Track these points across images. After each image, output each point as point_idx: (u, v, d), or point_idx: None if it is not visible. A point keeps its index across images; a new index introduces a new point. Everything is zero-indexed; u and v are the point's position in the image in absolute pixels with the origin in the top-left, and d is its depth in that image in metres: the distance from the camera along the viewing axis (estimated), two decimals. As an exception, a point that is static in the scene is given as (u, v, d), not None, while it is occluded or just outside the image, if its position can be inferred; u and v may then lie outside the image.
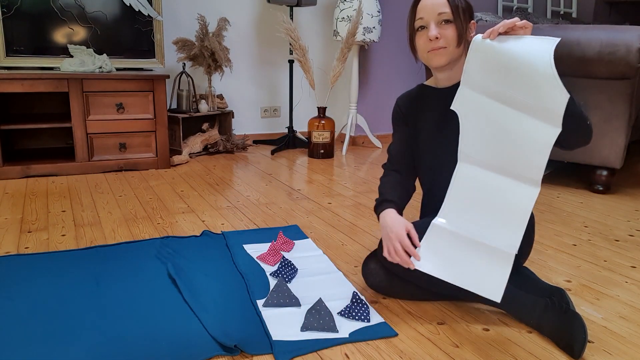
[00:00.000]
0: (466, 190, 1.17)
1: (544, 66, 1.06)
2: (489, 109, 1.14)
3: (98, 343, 1.12)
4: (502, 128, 1.12)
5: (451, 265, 1.17)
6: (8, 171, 2.51)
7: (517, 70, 1.09)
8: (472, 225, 1.16)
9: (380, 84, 3.78)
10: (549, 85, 1.06)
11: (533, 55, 1.08)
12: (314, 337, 1.17)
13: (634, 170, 3.08)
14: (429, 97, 1.40)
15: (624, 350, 1.16)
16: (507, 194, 1.13)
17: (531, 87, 1.08)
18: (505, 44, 1.11)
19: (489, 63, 1.12)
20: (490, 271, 1.14)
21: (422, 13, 1.27)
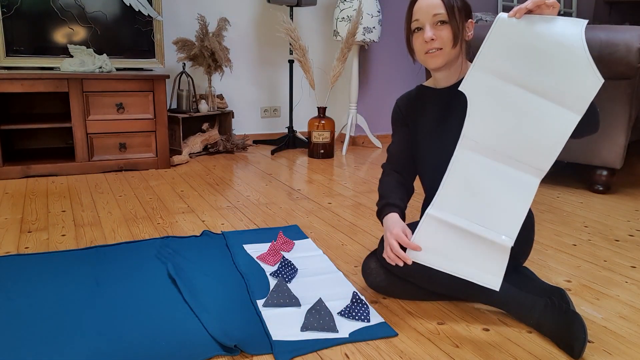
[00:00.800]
0: (464, 178, 1.14)
1: (577, 49, 1.01)
2: (503, 93, 1.09)
3: (98, 343, 1.12)
4: (516, 113, 1.08)
5: (447, 255, 1.16)
6: (8, 171, 2.51)
7: (546, 52, 1.04)
8: (468, 215, 1.14)
9: (380, 84, 3.78)
10: (581, 69, 1.01)
11: (564, 37, 1.02)
12: (314, 337, 1.17)
13: (634, 170, 3.08)
14: (428, 98, 1.40)
15: (624, 350, 1.16)
16: (507, 184, 1.11)
17: (559, 71, 1.03)
18: (532, 24, 1.05)
19: (512, 44, 1.07)
20: (487, 261, 1.13)
21: (418, 14, 1.28)
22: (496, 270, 1.13)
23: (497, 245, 1.12)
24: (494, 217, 1.12)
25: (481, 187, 1.13)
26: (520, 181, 1.10)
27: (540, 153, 1.07)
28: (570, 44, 1.02)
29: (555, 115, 1.05)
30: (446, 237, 1.16)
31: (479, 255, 1.14)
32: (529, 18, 1.06)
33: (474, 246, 1.14)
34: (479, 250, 1.14)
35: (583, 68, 1.01)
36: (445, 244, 1.16)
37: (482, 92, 1.11)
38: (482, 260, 1.14)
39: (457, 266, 1.16)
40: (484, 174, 1.12)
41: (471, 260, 1.14)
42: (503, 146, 1.10)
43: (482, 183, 1.13)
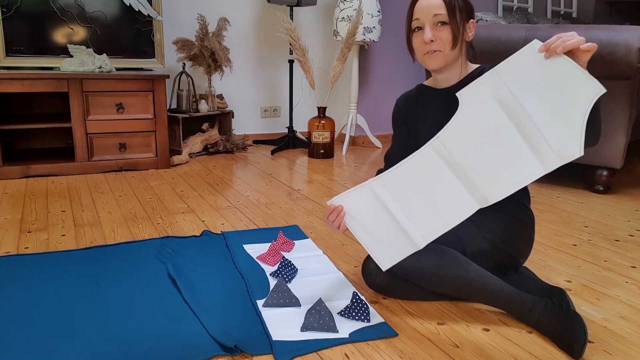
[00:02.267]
0: (417, 174, 1.15)
1: (579, 111, 1.01)
2: (492, 118, 1.09)
3: (98, 343, 1.12)
4: (494, 142, 1.08)
5: (366, 226, 1.21)
6: (8, 171, 2.51)
7: (549, 99, 1.03)
8: (402, 204, 1.17)
9: (380, 84, 3.77)
10: (572, 130, 1.02)
11: (574, 93, 1.02)
12: (314, 337, 1.17)
13: (634, 170, 3.08)
14: (428, 98, 1.40)
15: (624, 350, 1.16)
16: (450, 197, 1.13)
17: (551, 124, 1.03)
18: (554, 66, 1.03)
19: (526, 72, 1.05)
20: (393, 246, 1.18)
21: (419, 14, 1.27)
22: (394, 256, 1.19)
23: (410, 241, 1.17)
24: (423, 217, 1.15)
25: (427, 188, 1.15)
26: (463, 200, 1.13)
27: (495, 187, 1.10)
28: (574, 102, 1.02)
29: (526, 161, 1.06)
30: (374, 212, 1.19)
31: (391, 239, 1.18)
32: (555, 58, 1.04)
33: (391, 231, 1.18)
34: (393, 236, 1.18)
35: (573, 131, 1.02)
36: (369, 216, 1.20)
37: (475, 107, 1.11)
38: (390, 243, 1.19)
39: (366, 239, 1.21)
40: (435, 178, 1.15)
41: (381, 240, 1.19)
42: (467, 165, 1.12)
43: (430, 185, 1.15)
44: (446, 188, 1.14)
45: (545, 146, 1.05)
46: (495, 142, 1.08)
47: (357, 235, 1.22)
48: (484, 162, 1.10)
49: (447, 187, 1.13)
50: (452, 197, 1.13)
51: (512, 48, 2.57)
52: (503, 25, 2.77)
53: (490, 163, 1.09)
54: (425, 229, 1.16)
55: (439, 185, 1.14)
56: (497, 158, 1.09)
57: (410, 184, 1.16)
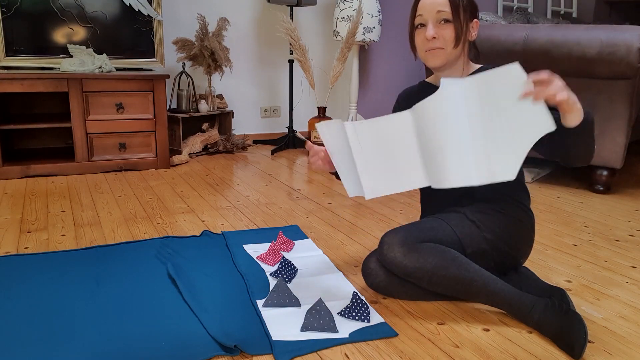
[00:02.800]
0: (389, 131, 1.16)
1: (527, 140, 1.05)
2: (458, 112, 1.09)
3: (98, 343, 1.12)
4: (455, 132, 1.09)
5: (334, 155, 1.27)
6: (8, 171, 2.51)
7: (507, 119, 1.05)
8: (363, 152, 1.19)
9: (380, 84, 3.77)
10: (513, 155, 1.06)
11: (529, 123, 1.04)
12: (314, 337, 1.17)
13: (634, 170, 3.08)
14: (427, 95, 1.40)
15: (624, 350, 1.16)
16: (406, 165, 1.16)
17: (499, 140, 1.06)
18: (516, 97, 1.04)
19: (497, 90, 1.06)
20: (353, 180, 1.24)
21: (422, 10, 1.27)
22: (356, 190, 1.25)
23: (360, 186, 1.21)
24: (374, 172, 1.19)
25: (390, 148, 1.16)
26: (415, 172, 1.15)
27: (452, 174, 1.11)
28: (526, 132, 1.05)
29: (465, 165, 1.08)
30: (341, 148, 1.23)
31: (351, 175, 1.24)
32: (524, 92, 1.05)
33: (351, 170, 1.23)
34: (352, 174, 1.23)
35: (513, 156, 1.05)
36: (337, 149, 1.25)
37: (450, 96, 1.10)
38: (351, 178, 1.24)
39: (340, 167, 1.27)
40: (401, 142, 1.15)
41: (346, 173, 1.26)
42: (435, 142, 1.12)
43: (393, 146, 1.16)
44: (406, 155, 1.15)
45: (485, 160, 1.07)
46: (453, 136, 1.09)
47: (333, 161, 1.29)
48: (441, 146, 1.11)
49: (407, 155, 1.15)
50: (407, 166, 1.16)
51: (512, 48, 2.57)
52: (503, 25, 2.77)
53: (445, 151, 1.10)
54: (371, 182, 1.19)
55: (401, 150, 1.16)
56: (450, 151, 1.10)
57: (378, 138, 1.17)
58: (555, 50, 2.41)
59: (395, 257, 1.26)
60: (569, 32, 2.39)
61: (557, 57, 2.41)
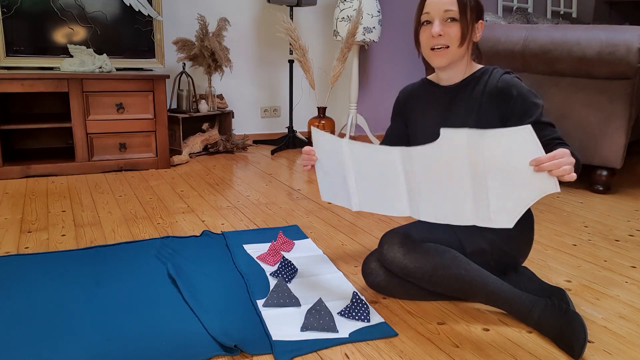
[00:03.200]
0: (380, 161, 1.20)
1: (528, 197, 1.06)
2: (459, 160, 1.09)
3: (98, 343, 1.12)
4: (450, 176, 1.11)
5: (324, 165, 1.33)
6: (8, 171, 2.51)
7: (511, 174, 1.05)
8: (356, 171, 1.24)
9: (380, 84, 3.78)
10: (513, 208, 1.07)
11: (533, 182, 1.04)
12: (314, 337, 1.17)
13: (634, 170, 3.08)
14: (431, 94, 1.40)
15: (624, 350, 1.16)
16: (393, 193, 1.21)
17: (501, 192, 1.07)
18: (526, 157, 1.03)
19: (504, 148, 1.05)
20: (336, 191, 1.32)
21: (429, 8, 1.26)
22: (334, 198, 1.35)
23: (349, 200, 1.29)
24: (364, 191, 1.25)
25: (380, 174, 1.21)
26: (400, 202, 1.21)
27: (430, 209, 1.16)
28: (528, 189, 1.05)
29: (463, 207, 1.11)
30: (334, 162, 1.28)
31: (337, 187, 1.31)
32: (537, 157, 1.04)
33: (340, 184, 1.29)
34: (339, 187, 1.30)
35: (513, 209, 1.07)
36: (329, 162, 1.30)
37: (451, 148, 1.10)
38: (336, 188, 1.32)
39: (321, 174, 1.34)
40: (390, 174, 1.20)
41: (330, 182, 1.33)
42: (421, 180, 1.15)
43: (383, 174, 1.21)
44: (393, 185, 1.20)
45: (485, 208, 1.09)
46: (451, 182, 1.12)
47: (317, 164, 1.35)
48: (433, 189, 1.14)
49: (395, 185, 1.20)
50: (393, 194, 1.21)
51: (512, 48, 2.57)
52: (503, 25, 2.77)
53: (437, 193, 1.14)
54: (361, 199, 1.26)
55: (390, 179, 1.20)
56: (444, 193, 1.13)
57: (370, 163, 1.22)
58: (555, 50, 2.41)
59: (395, 256, 1.26)
60: (569, 32, 2.39)
61: (557, 57, 2.41)
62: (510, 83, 1.27)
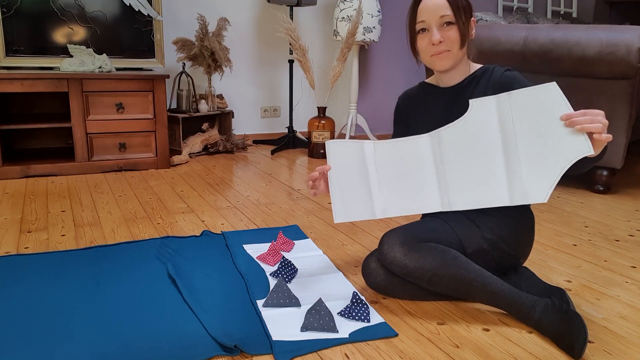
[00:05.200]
0: (406, 154, 1.20)
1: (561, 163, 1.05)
2: (489, 133, 1.12)
3: (98, 343, 1.12)
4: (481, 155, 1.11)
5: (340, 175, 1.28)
6: (8, 171, 2.51)
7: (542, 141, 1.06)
8: (380, 173, 1.23)
9: (380, 84, 3.77)
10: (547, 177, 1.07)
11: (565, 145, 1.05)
12: (314, 337, 1.17)
13: (634, 170, 3.08)
14: (431, 96, 1.40)
15: (624, 350, 1.16)
16: (422, 189, 1.20)
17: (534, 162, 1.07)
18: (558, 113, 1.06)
19: (533, 111, 1.07)
20: (353, 204, 1.26)
21: (424, 15, 1.26)
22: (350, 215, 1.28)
23: (371, 208, 1.25)
24: (391, 193, 1.22)
25: (407, 171, 1.21)
26: (430, 196, 1.19)
27: (462, 197, 1.15)
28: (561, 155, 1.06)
29: (497, 187, 1.10)
30: (353, 168, 1.26)
31: (356, 198, 1.26)
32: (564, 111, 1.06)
33: (360, 192, 1.26)
34: (359, 197, 1.26)
35: (546, 178, 1.06)
36: (347, 170, 1.27)
37: (480, 118, 1.14)
38: (353, 202, 1.27)
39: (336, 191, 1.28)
40: (417, 166, 1.19)
41: (347, 196, 1.27)
42: (450, 167, 1.15)
43: (410, 170, 1.21)
44: (422, 179, 1.19)
45: (519, 181, 1.09)
46: (483, 157, 1.12)
47: (331, 184, 1.30)
48: (465, 171, 1.14)
49: (423, 179, 1.19)
50: (422, 189, 1.20)
51: (512, 48, 2.57)
52: (503, 25, 2.77)
53: (469, 175, 1.14)
54: (387, 204, 1.24)
55: (418, 173, 1.19)
56: (477, 173, 1.13)
57: (395, 160, 1.21)
58: (555, 50, 2.41)
59: (396, 256, 1.26)
60: (569, 32, 2.39)
61: (558, 57, 2.41)
62: (513, 78, 1.27)
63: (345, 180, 1.28)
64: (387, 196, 1.24)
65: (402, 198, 1.22)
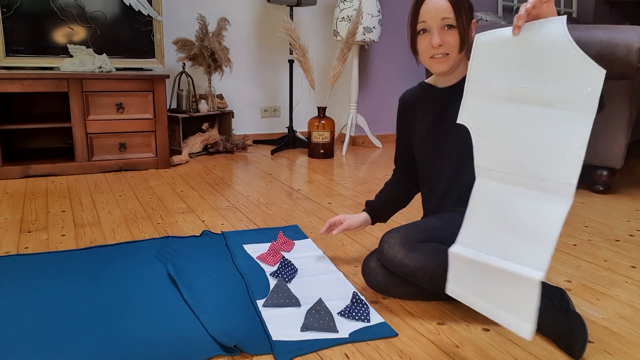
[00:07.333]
0: (486, 209, 1.03)
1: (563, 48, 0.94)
2: (504, 114, 1.00)
3: (98, 343, 1.12)
4: (525, 131, 0.98)
5: (478, 294, 1.04)
6: (8, 171, 2.51)
7: (535, 61, 0.97)
8: (492, 249, 1.02)
9: (380, 84, 3.77)
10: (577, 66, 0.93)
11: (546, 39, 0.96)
12: (314, 337, 1.17)
13: (634, 170, 3.08)
14: (428, 96, 1.41)
15: (624, 350, 1.16)
16: (534, 209, 0.98)
17: (556, 75, 0.95)
18: (510, 35, 0.98)
19: (497, 61, 1.00)
20: (516, 302, 0.98)
21: (425, 17, 1.26)
22: (526, 312, 0.96)
23: (523, 280, 0.96)
24: (519, 249, 0.98)
25: (505, 217, 1.01)
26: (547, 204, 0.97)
27: (562, 165, 0.95)
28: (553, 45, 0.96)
29: (567, 122, 0.95)
30: (473, 275, 1.04)
31: (508, 294, 0.99)
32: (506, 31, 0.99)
33: (502, 284, 1.00)
34: (507, 288, 0.99)
35: (578, 64, 0.93)
36: (473, 282, 1.05)
37: (481, 118, 1.04)
38: (511, 300, 0.99)
39: (488, 308, 1.03)
40: (507, 203, 1.01)
41: (501, 301, 1.00)
42: (520, 168, 0.99)
43: (505, 212, 1.01)
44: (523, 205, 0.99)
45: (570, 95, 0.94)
46: (526, 130, 0.98)
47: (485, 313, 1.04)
48: (532, 154, 0.98)
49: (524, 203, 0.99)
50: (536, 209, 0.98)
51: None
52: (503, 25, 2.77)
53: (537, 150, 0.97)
54: (528, 259, 0.97)
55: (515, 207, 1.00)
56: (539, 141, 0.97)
57: (487, 226, 1.03)
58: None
59: (396, 256, 1.26)
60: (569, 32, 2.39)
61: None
62: None
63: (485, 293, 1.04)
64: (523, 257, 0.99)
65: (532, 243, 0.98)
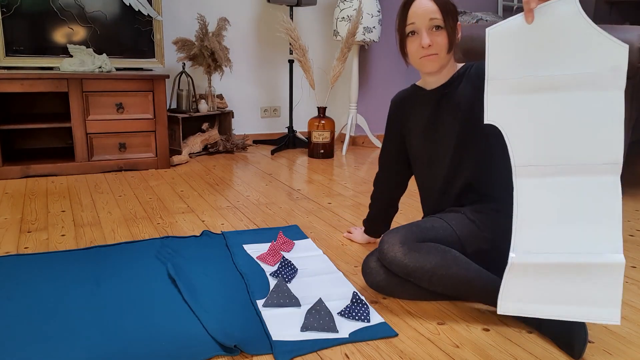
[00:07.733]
0: (536, 208, 1.00)
1: (581, 28, 0.92)
2: (533, 106, 0.97)
3: (98, 343, 1.12)
4: (557, 120, 0.96)
5: (545, 299, 1.03)
6: (8, 171, 2.51)
7: (552, 47, 0.94)
8: (559, 245, 0.99)
9: (380, 84, 3.77)
10: (598, 45, 0.91)
11: (560, 21, 0.93)
12: (314, 337, 1.17)
13: (634, 170, 3.07)
14: (419, 98, 1.45)
15: (624, 350, 1.16)
16: (587, 195, 0.96)
17: (577, 56, 0.93)
18: (523, 24, 0.96)
19: (514, 53, 0.97)
20: (598, 293, 0.97)
21: (414, 18, 1.29)
22: (611, 298, 0.96)
23: (606, 267, 0.95)
24: (587, 238, 0.97)
25: (561, 210, 0.98)
26: (599, 186, 0.95)
27: (604, 146, 0.95)
28: (571, 25, 0.93)
29: (599, 102, 0.94)
30: (538, 281, 1.02)
31: (586, 287, 0.98)
32: (517, 19, 0.97)
33: (577, 278, 0.98)
34: (584, 282, 0.97)
35: (599, 42, 0.91)
36: (538, 288, 1.03)
37: (510, 115, 1.01)
38: (591, 292, 0.98)
39: (560, 309, 1.02)
40: (556, 196, 0.98)
41: (578, 297, 0.99)
42: (561, 158, 0.97)
43: (560, 206, 0.98)
44: (575, 193, 0.97)
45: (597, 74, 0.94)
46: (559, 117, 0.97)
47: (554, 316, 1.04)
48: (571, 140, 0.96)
49: (575, 192, 0.97)
50: (590, 194, 0.96)
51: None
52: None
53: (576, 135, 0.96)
54: (601, 244, 0.96)
55: (567, 198, 0.97)
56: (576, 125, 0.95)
57: (542, 225, 1.00)
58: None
59: (396, 256, 1.26)
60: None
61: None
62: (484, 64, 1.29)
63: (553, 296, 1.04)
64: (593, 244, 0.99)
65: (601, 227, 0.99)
